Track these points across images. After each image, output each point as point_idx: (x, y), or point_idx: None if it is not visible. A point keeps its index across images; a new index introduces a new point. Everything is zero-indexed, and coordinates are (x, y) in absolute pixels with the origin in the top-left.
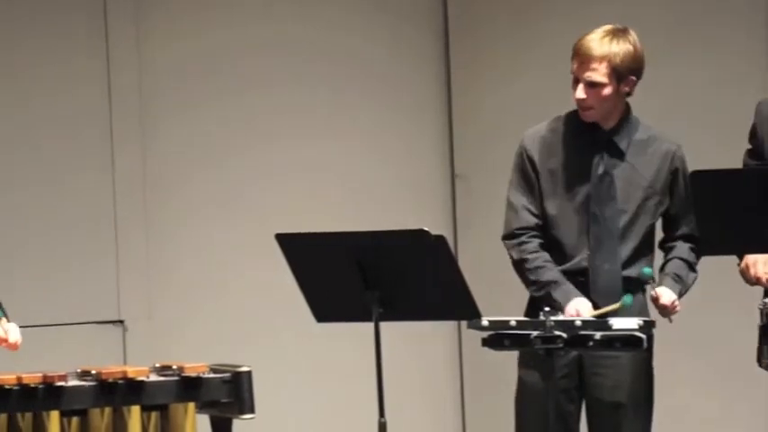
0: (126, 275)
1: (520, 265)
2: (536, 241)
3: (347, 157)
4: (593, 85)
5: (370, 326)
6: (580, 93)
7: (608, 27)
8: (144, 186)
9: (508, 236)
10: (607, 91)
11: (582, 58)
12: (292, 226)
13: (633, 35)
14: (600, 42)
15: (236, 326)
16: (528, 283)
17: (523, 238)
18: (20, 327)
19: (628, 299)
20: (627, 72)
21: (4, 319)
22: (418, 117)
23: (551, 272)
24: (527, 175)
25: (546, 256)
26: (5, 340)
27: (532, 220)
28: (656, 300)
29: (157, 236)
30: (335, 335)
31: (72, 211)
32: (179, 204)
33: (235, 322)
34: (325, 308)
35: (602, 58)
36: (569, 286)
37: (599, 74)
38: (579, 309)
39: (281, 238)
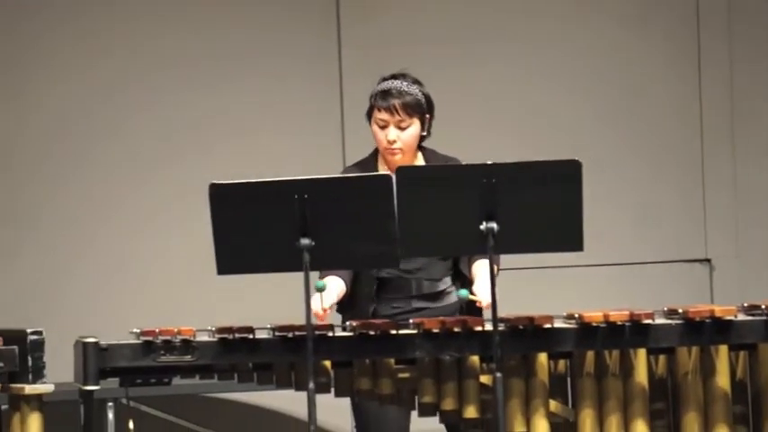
0: (713, 214)
1: None
2: None
3: None
4: None
5: None
6: None
7: None
8: (731, 121)
9: None
10: None
11: None
12: None
13: None
14: None
15: None
16: None
17: None
18: (608, 265)
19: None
20: None
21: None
22: None
23: None
24: None
25: None
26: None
27: None
28: None
29: (746, 174)
30: None
31: (661, 156)
32: None
33: None
34: None
35: None
36: None
37: None
38: None
39: None
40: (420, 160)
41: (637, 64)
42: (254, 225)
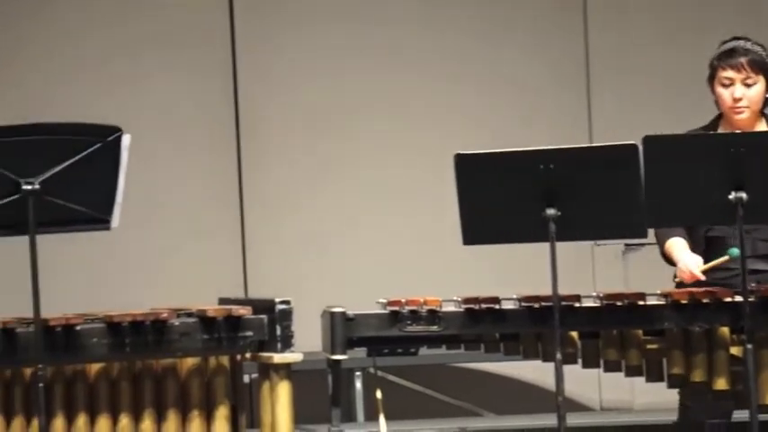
0: None
1: None
2: None
3: None
4: None
5: None
6: None
7: None
8: None
9: None
10: None
11: None
12: None
13: None
14: None
15: None
16: None
17: None
18: None
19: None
20: None
21: None
22: None
23: None
24: None
25: None
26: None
27: None
28: None
29: None
30: None
31: None
32: None
33: None
34: None
35: None
36: None
37: None
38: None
39: None
40: (763, 125)
41: None
42: (500, 195)
